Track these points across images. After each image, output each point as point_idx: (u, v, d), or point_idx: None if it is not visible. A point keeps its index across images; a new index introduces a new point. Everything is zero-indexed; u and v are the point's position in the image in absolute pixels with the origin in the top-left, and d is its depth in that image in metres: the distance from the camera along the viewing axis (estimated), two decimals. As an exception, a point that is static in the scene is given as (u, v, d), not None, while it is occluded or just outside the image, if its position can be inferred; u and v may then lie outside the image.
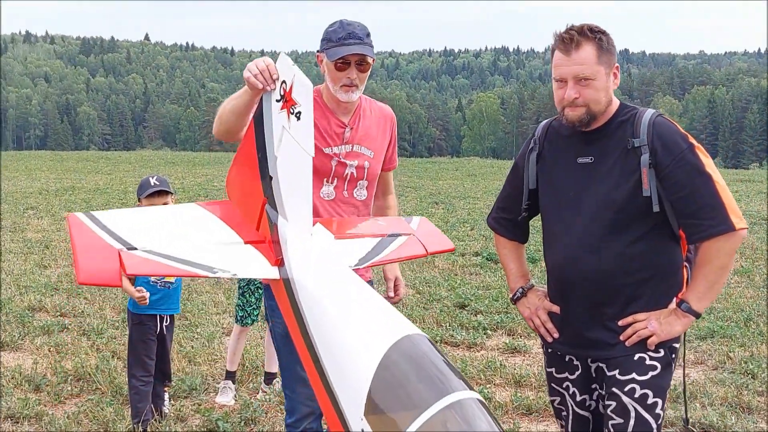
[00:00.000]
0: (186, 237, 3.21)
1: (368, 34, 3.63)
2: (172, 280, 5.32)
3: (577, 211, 3.24)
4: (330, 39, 3.58)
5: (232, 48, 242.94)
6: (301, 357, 2.98)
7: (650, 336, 3.16)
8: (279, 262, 3.11)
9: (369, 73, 3.68)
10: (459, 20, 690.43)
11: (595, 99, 3.14)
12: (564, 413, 3.45)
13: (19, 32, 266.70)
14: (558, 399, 3.47)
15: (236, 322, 6.05)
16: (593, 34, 3.12)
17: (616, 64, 3.21)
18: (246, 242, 3.24)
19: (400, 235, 3.62)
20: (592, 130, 3.23)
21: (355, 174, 3.72)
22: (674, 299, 3.24)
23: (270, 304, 3.55)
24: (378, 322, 2.68)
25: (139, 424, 5.17)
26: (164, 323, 5.39)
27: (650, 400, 3.15)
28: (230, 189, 3.60)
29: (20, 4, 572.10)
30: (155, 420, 5.32)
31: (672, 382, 3.32)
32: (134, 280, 5.07)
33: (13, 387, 6.04)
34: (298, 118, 3.01)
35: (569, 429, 3.45)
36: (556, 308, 3.35)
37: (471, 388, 2.41)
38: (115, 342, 7.32)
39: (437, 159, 51.40)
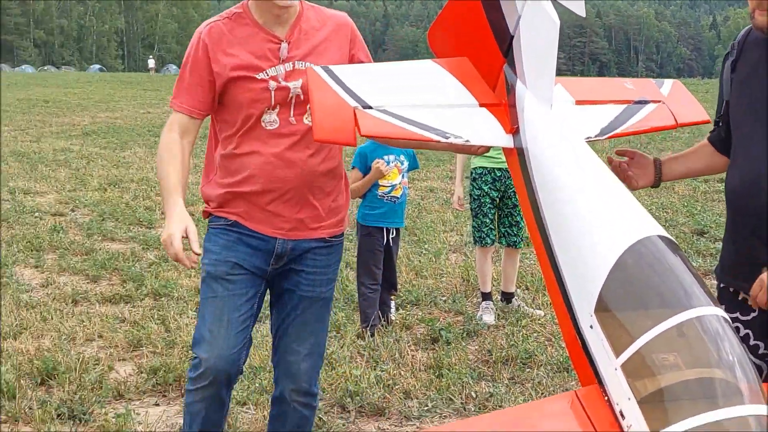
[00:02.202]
0: (421, 96, 3.07)
1: None
2: (398, 194, 5.48)
3: (760, 130, 2.75)
4: None
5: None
6: (530, 235, 2.87)
7: None
8: (514, 130, 2.96)
9: None
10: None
11: None
12: None
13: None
14: None
15: (475, 243, 6.12)
16: None
17: None
18: (481, 105, 3.07)
19: (648, 102, 3.27)
20: None
21: (301, 96, 3.05)
22: None
23: (204, 247, 3.13)
24: (618, 215, 2.53)
25: (368, 329, 5.43)
26: (390, 235, 5.58)
27: (752, 342, 2.75)
28: (441, 43, 3.39)
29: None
30: (382, 325, 5.55)
31: None
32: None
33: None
34: None
35: None
36: None
37: (715, 304, 2.27)
38: (348, 253, 7.67)
39: (687, 80, 48.41)
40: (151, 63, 77.42)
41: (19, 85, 36.94)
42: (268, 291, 3.26)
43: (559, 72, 3.01)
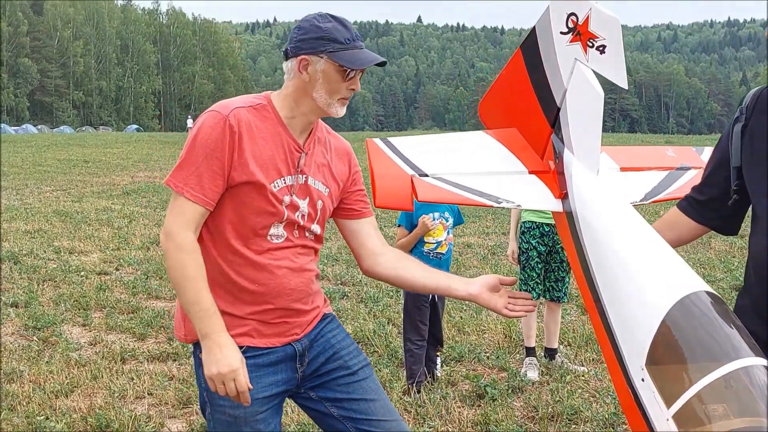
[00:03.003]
0: (473, 165, 3.25)
1: None
2: (444, 251, 5.56)
3: None
4: (334, 39, 2.72)
5: (502, 26, 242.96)
6: (581, 291, 2.95)
7: None
8: (563, 195, 3.10)
9: None
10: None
11: None
12: None
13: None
14: None
15: (521, 296, 6.16)
16: None
17: None
18: (530, 172, 3.24)
19: (690, 168, 3.40)
20: None
21: (306, 216, 2.84)
22: None
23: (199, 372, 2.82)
24: (665, 272, 2.62)
25: (414, 385, 5.47)
26: (437, 292, 5.65)
27: None
28: (491, 115, 3.57)
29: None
30: (428, 382, 5.59)
31: None
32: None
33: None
34: (602, 52, 2.96)
35: None
36: None
37: (759, 355, 2.32)
38: (390, 310, 7.74)
39: (717, 136, 48.38)
40: (190, 122, 78.80)
41: (58, 146, 37.75)
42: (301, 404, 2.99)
43: None
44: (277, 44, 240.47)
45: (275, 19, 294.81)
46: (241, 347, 2.72)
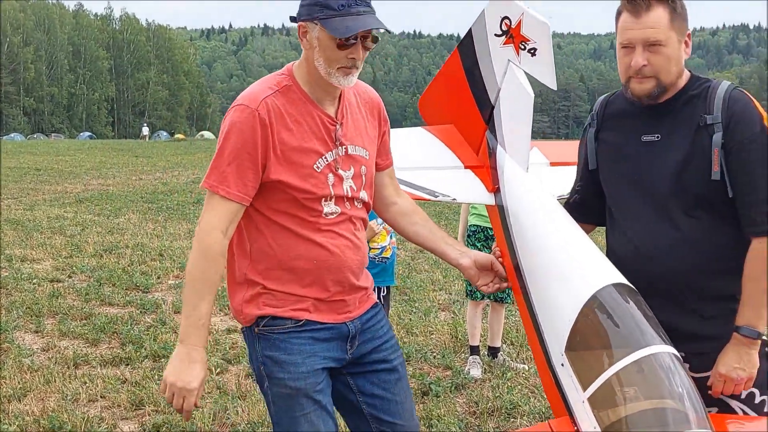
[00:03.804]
0: (411, 160, 3.41)
1: None
2: (388, 255, 5.75)
3: (642, 195, 2.91)
4: (327, 5, 2.62)
5: (458, 34, 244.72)
6: (510, 282, 3.13)
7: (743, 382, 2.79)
8: (495, 189, 3.29)
9: None
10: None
11: (665, 68, 2.79)
12: None
13: (258, 26, 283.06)
14: None
15: (467, 296, 6.40)
16: None
17: (689, 32, 2.87)
18: (466, 167, 3.42)
19: None
20: (660, 104, 2.87)
21: (354, 187, 2.84)
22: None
23: (267, 356, 2.84)
24: (584, 264, 2.83)
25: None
26: (381, 293, 5.85)
27: (758, 399, 2.85)
28: (430, 111, 3.72)
29: (260, 1, 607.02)
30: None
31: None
32: None
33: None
34: (533, 54, 3.12)
35: None
36: None
37: (667, 342, 2.56)
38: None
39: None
40: (145, 130, 78.28)
41: (8, 153, 37.23)
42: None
43: (544, 135, 3.44)
44: (233, 50, 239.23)
45: (230, 25, 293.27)
46: (299, 320, 2.78)
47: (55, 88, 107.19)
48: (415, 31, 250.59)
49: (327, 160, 2.76)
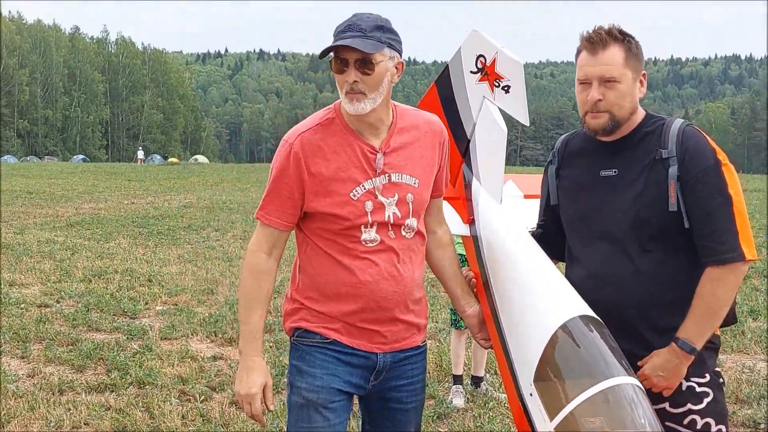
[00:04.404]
0: None
1: (379, 27, 2.76)
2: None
3: (599, 230, 3.03)
4: (334, 33, 2.81)
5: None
6: (483, 312, 3.19)
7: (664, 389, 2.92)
8: (470, 221, 3.37)
9: (388, 77, 2.82)
10: (686, 26, 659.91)
11: (618, 103, 2.94)
12: None
13: (254, 50, 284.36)
14: None
15: (451, 326, 6.45)
16: (622, 36, 2.96)
17: (644, 72, 3.03)
18: (443, 198, 3.46)
19: None
20: (616, 141, 3.03)
21: (398, 213, 2.90)
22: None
23: (294, 364, 3.00)
24: (553, 295, 2.91)
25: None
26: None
27: (713, 429, 2.92)
28: None
29: (256, 26, 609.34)
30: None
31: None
32: None
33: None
34: (507, 91, 3.24)
35: None
36: None
37: (630, 374, 2.64)
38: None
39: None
40: (141, 154, 78.28)
41: (2, 176, 37.25)
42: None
43: (537, 162, 3.53)
44: (228, 75, 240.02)
45: (227, 50, 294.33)
46: (327, 338, 2.93)
47: (50, 111, 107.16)
48: (410, 58, 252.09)
49: (365, 188, 2.87)
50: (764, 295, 10.16)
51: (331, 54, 2.79)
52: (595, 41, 2.95)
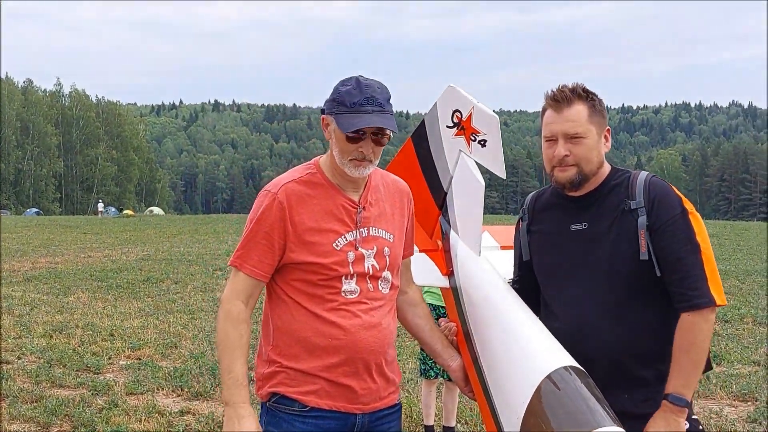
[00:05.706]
0: None
1: (389, 99, 2.91)
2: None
3: (574, 283, 3.09)
4: (342, 102, 2.86)
5: (407, 111, 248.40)
6: (465, 364, 3.21)
7: None
8: (449, 273, 3.40)
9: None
10: (637, 76, 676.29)
11: (586, 157, 3.03)
12: None
13: (209, 101, 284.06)
14: None
15: (421, 375, 6.46)
16: (586, 94, 3.06)
17: (608, 127, 3.13)
18: (421, 250, 3.52)
19: None
20: (584, 195, 3.11)
21: (376, 265, 2.97)
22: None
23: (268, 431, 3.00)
24: (535, 347, 2.92)
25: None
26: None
27: None
28: None
29: (209, 76, 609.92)
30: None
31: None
32: None
33: None
34: (483, 145, 3.30)
35: None
36: None
37: (617, 423, 2.66)
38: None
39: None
40: (101, 206, 77.42)
41: (-46, 231, 36.60)
42: None
43: (494, 210, 3.60)
44: (183, 126, 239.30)
45: (181, 101, 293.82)
46: (305, 406, 2.91)
47: (2, 164, 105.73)
48: (402, 112, 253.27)
49: (347, 239, 2.94)
50: (725, 340, 10.34)
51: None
52: (560, 99, 3.05)
